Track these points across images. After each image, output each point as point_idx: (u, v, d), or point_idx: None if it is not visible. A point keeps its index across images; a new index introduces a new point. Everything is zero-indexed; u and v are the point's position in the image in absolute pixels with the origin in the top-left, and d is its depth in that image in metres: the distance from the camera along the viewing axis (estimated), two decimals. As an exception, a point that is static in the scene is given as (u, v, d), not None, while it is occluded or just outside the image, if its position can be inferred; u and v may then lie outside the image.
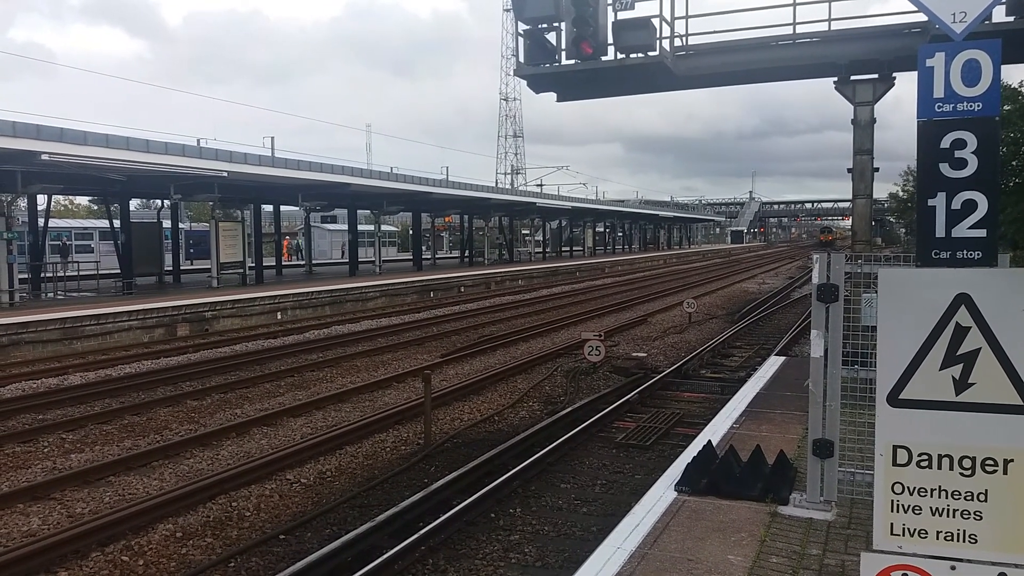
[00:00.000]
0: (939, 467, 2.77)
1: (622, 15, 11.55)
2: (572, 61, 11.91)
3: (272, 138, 43.59)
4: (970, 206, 3.93)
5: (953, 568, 2.66)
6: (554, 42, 11.94)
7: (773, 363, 12.20)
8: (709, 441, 6.84)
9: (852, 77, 11.71)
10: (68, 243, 34.60)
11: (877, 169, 12.02)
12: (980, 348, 2.75)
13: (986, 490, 2.71)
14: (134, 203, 38.56)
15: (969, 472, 2.73)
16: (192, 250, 42.43)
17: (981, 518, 2.71)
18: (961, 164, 3.95)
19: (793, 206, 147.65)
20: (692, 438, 7.99)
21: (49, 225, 27.05)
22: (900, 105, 12.67)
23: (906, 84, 11.61)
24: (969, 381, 2.76)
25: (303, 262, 39.47)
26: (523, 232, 65.15)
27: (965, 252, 3.94)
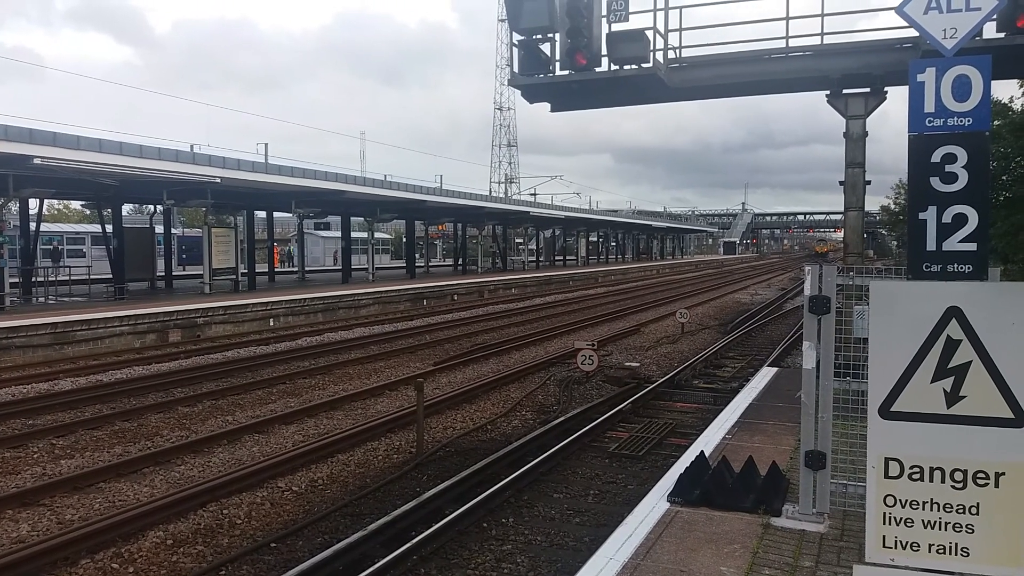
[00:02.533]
0: (931, 480, 2.79)
1: (616, 27, 11.61)
2: (566, 72, 11.96)
3: (266, 144, 43.41)
4: (961, 220, 3.97)
5: (944, 581, 2.67)
6: (548, 53, 11.99)
7: (766, 374, 12.23)
8: (702, 452, 6.85)
9: (844, 91, 11.79)
10: (60, 247, 34.44)
11: (869, 182, 12.10)
12: (971, 361, 2.77)
13: (978, 503, 2.73)
14: (127, 208, 38.42)
15: (961, 485, 2.75)
16: (184, 256, 42.33)
17: (973, 531, 2.73)
18: (952, 178, 3.99)
19: (785, 218, 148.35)
20: (685, 448, 8.00)
21: (41, 229, 26.91)
22: (887, 119, 12.76)
23: (893, 98, 11.72)
24: (960, 394, 2.78)
25: (296, 269, 39.39)
26: (517, 241, 65.20)
27: (956, 265, 3.98)
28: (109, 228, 27.26)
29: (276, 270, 39.27)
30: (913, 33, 10.29)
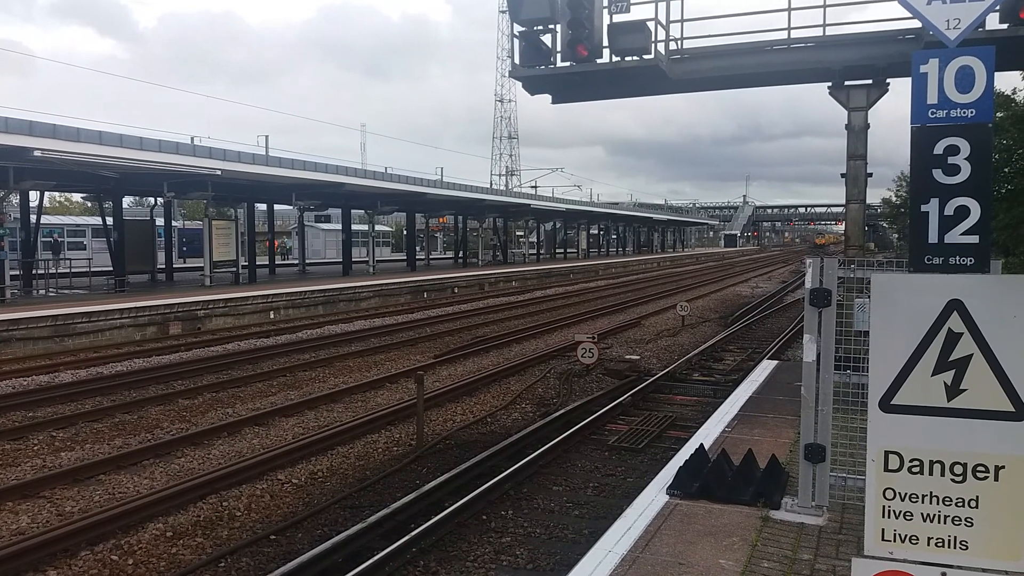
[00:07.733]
0: (930, 473, 2.77)
1: (617, 18, 11.57)
2: (567, 63, 11.92)
3: (267, 137, 43.42)
4: (963, 212, 3.95)
5: (944, 574, 2.66)
6: (549, 44, 11.96)
7: (766, 367, 12.22)
8: (701, 445, 6.84)
9: (846, 82, 11.75)
10: (60, 240, 34.42)
11: (871, 174, 12.07)
12: (972, 354, 2.75)
13: (977, 497, 2.71)
14: (127, 200, 38.41)
15: (960, 478, 2.74)
16: (185, 248, 42.24)
17: (972, 525, 2.71)
18: (954, 170, 3.96)
19: (787, 210, 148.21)
20: (684, 441, 7.99)
21: (41, 222, 26.90)
22: (879, 110, 12.68)
23: (891, 90, 11.66)
24: (961, 387, 2.76)
25: (296, 261, 39.38)
26: (517, 233, 65.16)
27: (958, 258, 3.96)
28: (110, 220, 27.23)
29: (276, 263, 39.25)
30: (916, 24, 10.25)
